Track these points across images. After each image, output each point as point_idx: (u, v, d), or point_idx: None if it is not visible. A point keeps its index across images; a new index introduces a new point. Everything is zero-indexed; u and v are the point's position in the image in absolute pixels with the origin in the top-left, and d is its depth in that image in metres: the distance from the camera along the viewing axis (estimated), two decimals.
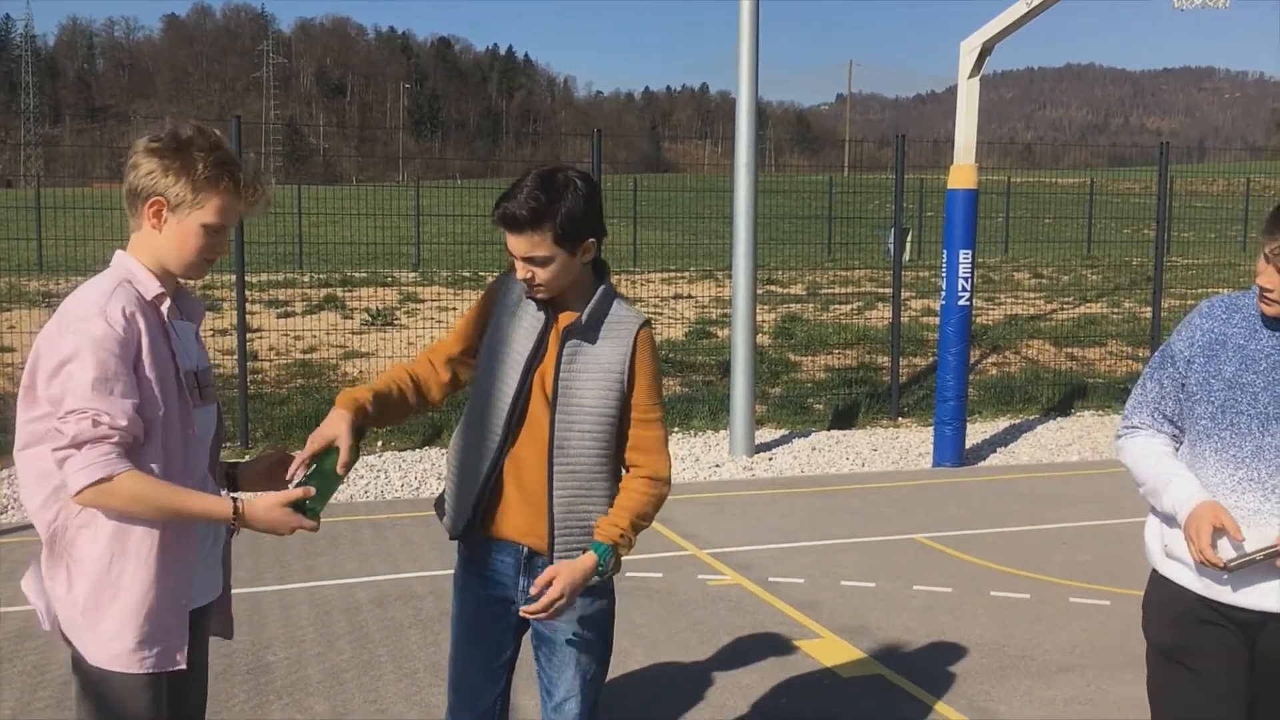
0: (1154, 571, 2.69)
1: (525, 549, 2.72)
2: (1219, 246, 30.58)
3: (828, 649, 5.01)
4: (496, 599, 2.79)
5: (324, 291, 17.08)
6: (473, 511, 2.71)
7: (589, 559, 2.60)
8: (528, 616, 2.57)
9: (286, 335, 12.79)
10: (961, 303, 8.92)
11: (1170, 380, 2.65)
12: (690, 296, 17.84)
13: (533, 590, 2.56)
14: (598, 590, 2.73)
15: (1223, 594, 2.50)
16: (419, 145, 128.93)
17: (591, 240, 2.65)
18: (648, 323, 2.75)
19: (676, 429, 10.17)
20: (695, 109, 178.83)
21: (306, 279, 19.35)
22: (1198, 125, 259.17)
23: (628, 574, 5.99)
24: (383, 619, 5.29)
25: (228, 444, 9.03)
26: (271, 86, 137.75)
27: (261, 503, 2.41)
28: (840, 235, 27.27)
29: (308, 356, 11.97)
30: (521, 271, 2.63)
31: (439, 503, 2.88)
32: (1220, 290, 18.67)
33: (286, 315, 14.64)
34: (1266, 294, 2.47)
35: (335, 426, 2.55)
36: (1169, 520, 2.60)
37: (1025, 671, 2.93)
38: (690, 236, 26.40)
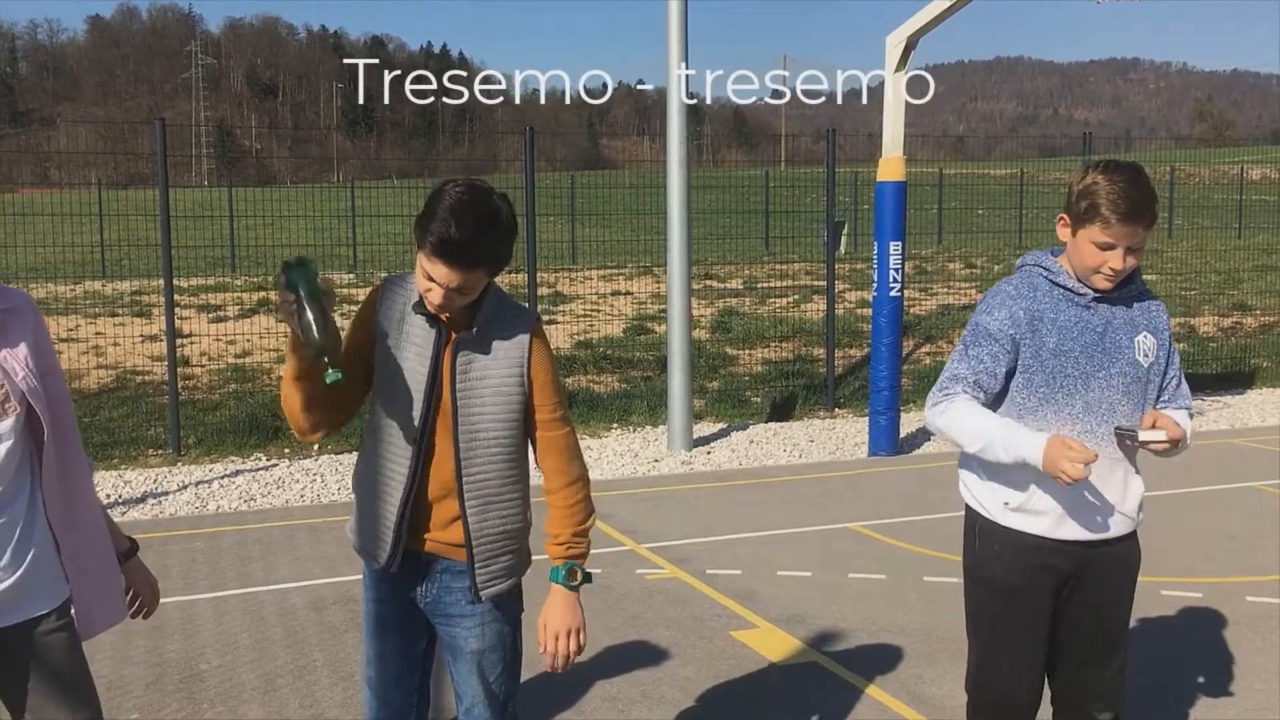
0: (988, 523, 3.00)
1: (429, 555, 2.71)
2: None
3: (765, 639, 5.05)
4: (403, 599, 2.78)
5: (257, 295, 16.85)
6: (394, 544, 2.68)
7: (557, 590, 2.70)
8: (553, 672, 2.72)
9: (219, 340, 12.61)
10: (893, 294, 9.03)
11: (990, 356, 2.90)
12: (629, 293, 17.86)
13: (540, 653, 2.72)
14: (501, 599, 2.74)
15: (1060, 532, 2.91)
16: (354, 145, 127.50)
17: None
18: (538, 319, 2.74)
19: (615, 425, 10.19)
20: (632, 106, 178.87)
21: (239, 283, 19.08)
22: (1124, 115, 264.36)
23: None
24: (319, 623, 5.25)
25: (159, 451, 8.93)
26: (201, 88, 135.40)
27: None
28: (778, 229, 27.46)
29: (241, 361, 11.81)
30: (439, 298, 2.56)
31: (355, 533, 2.83)
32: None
33: (219, 320, 14.43)
34: (1116, 271, 2.83)
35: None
36: (1003, 476, 2.94)
37: (956, 655, 3.01)
38: (629, 233, 26.41)
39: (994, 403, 2.96)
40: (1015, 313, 2.89)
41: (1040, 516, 2.91)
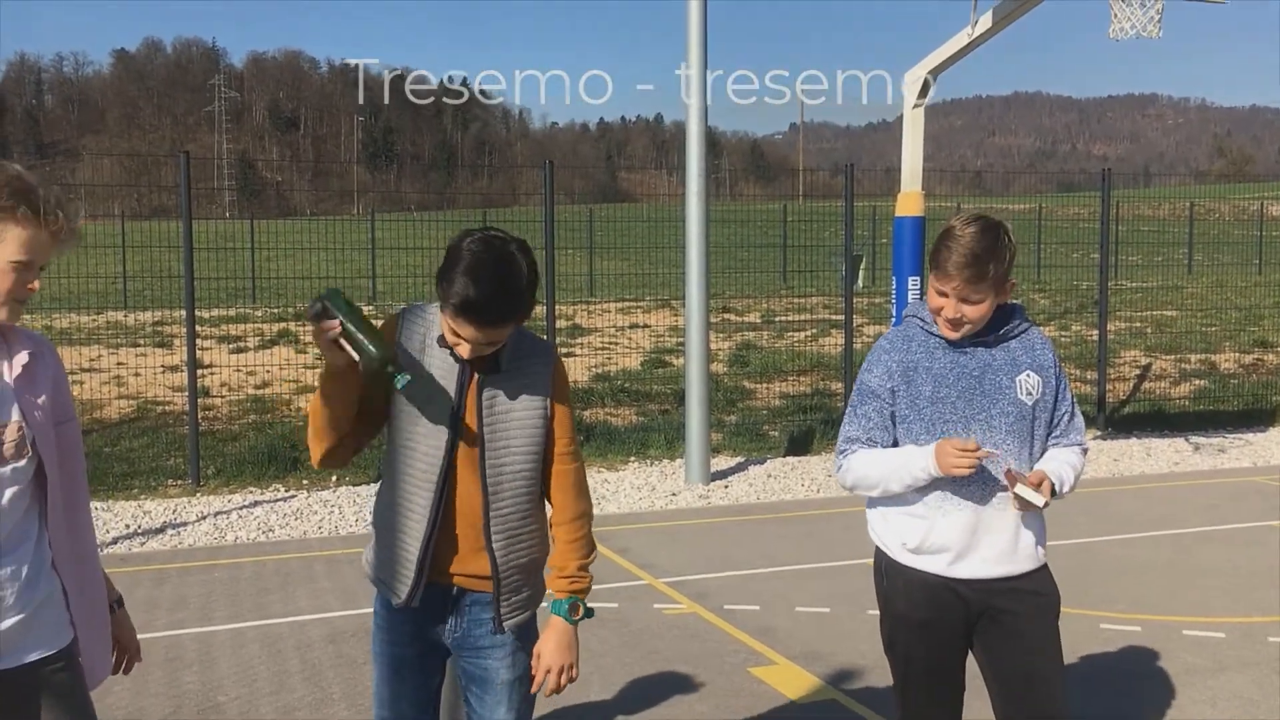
0: (890, 560, 3.09)
1: (456, 588, 2.71)
2: (1164, 270, 31.13)
3: (783, 675, 5.02)
4: (425, 638, 2.78)
5: (277, 326, 16.96)
6: (416, 578, 2.68)
7: (557, 623, 2.71)
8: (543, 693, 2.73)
9: (239, 371, 12.69)
10: None
11: (876, 412, 3.01)
12: (646, 326, 17.90)
13: (536, 685, 2.74)
14: (525, 628, 2.77)
15: (957, 571, 2.98)
16: (374, 178, 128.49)
17: None
18: (556, 351, 2.78)
19: (633, 458, 10.18)
20: (650, 139, 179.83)
21: (260, 314, 19.22)
22: (1142, 151, 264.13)
23: None
24: (336, 655, 5.24)
25: (179, 481, 8.97)
26: (224, 120, 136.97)
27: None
28: (795, 263, 27.48)
29: (261, 392, 11.87)
30: (468, 352, 2.59)
31: (374, 566, 2.82)
32: (1165, 312, 19.01)
33: (239, 351, 14.52)
34: (950, 320, 2.92)
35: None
36: (901, 518, 3.03)
37: (976, 691, 2.98)
38: (647, 266, 26.49)
39: None
40: (890, 366, 3.00)
41: (937, 556, 2.99)
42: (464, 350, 2.59)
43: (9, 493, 2.32)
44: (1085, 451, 3.13)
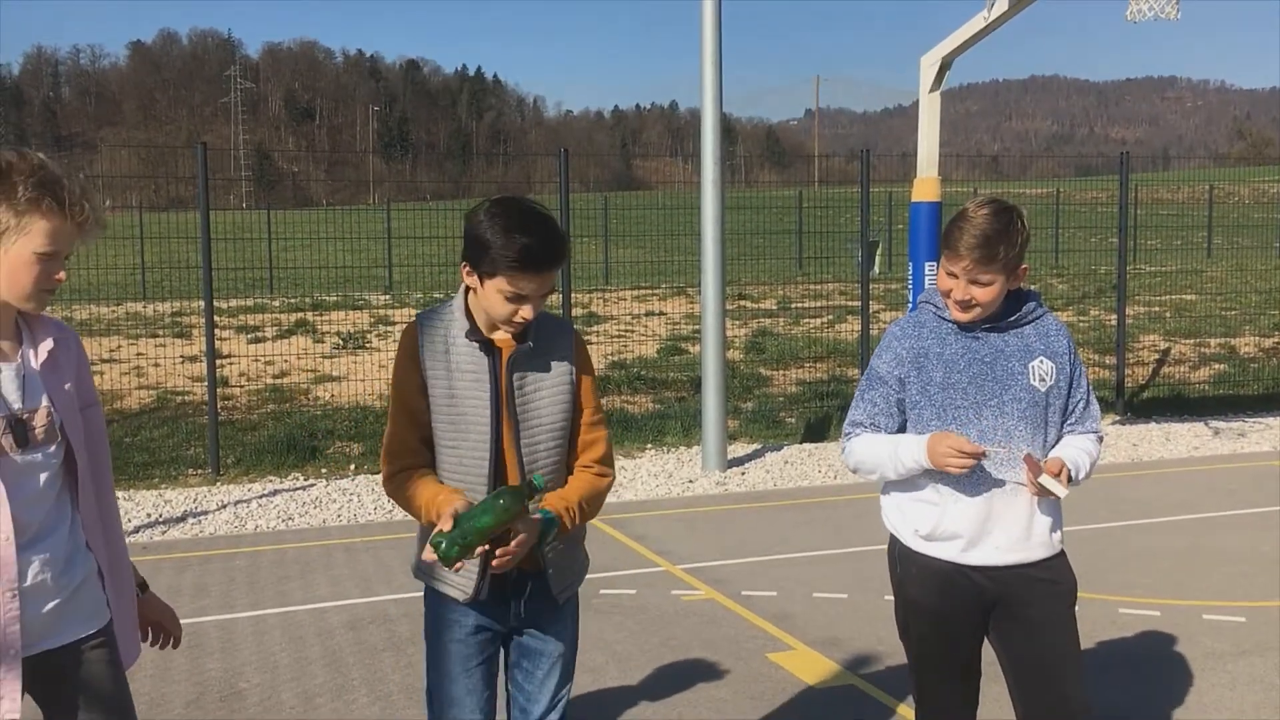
0: (903, 547, 3.09)
1: (515, 572, 2.71)
2: (1184, 254, 30.92)
3: (801, 661, 5.03)
4: (489, 628, 2.79)
5: (295, 316, 17.03)
6: (482, 570, 2.68)
7: (538, 520, 2.67)
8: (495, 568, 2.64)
9: (257, 360, 12.75)
10: None
11: (882, 398, 3.03)
12: (662, 313, 17.91)
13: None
14: (573, 600, 2.86)
15: (970, 558, 2.98)
16: (389, 168, 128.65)
17: None
18: (573, 326, 2.84)
19: (650, 445, 10.20)
20: (665, 126, 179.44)
21: (277, 304, 19.30)
22: (1161, 134, 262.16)
23: (601, 590, 6.00)
24: (356, 642, 5.28)
25: (199, 470, 9.03)
26: (240, 111, 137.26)
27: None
28: (811, 249, 27.42)
29: (279, 381, 11.93)
30: (533, 310, 2.62)
31: (423, 570, 2.81)
32: (1184, 296, 18.90)
33: (257, 340, 14.59)
34: (959, 301, 2.92)
35: (454, 498, 2.60)
36: (914, 505, 3.04)
37: (994, 677, 2.99)
38: (662, 254, 26.49)
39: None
40: (900, 353, 3.01)
41: (949, 543, 3.00)
42: (528, 311, 2.63)
43: (43, 477, 2.35)
44: (1101, 439, 3.12)
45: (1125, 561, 6.54)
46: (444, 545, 2.45)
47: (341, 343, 14.20)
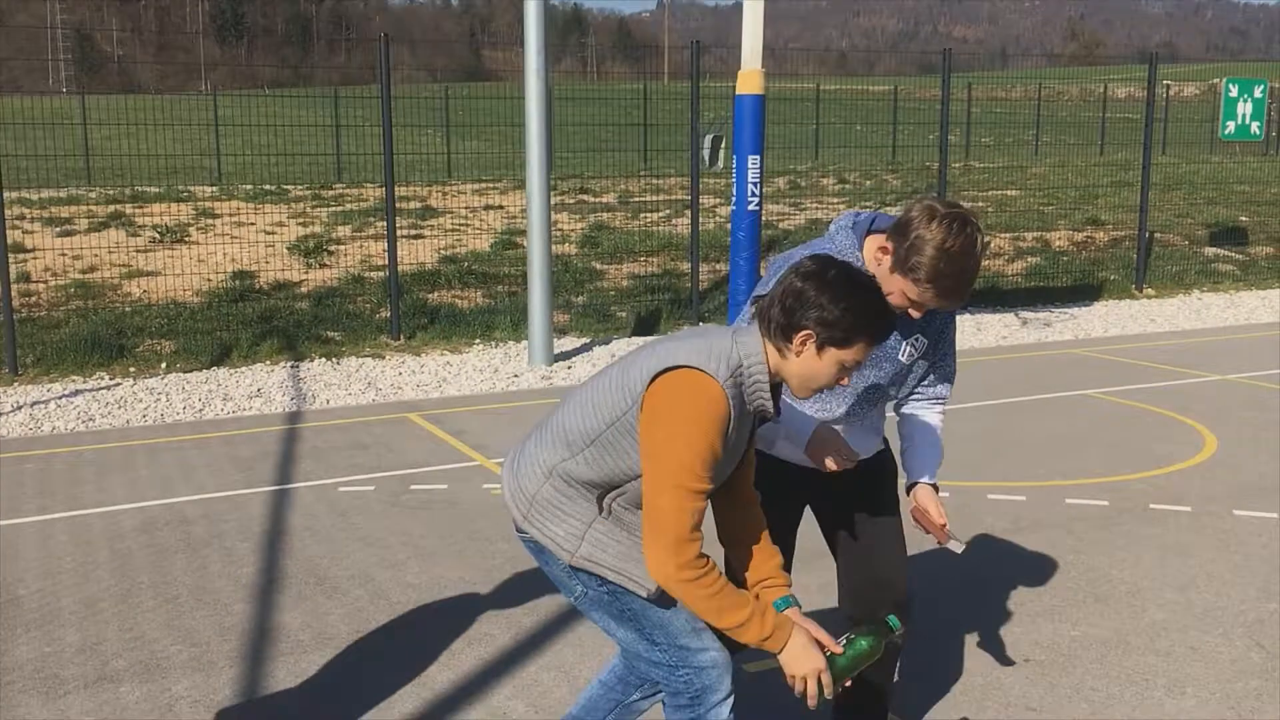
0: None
1: None
2: (1014, 151, 31.96)
3: None
4: None
5: (111, 208, 16.16)
6: None
7: None
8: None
9: (65, 255, 12.08)
10: (751, 208, 9.07)
11: None
12: (501, 207, 17.64)
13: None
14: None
15: (803, 461, 2.99)
16: (223, 52, 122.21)
17: None
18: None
19: (478, 340, 10.10)
20: (515, 15, 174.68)
21: (94, 195, 18.25)
22: (1000, 33, 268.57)
23: (411, 487, 5.96)
24: (148, 545, 5.12)
25: None
26: None
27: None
28: (657, 143, 27.31)
29: (87, 277, 11.34)
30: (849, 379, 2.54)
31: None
32: (1008, 192, 19.56)
33: (67, 234, 13.81)
34: (896, 306, 2.78)
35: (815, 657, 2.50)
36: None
37: (992, 671, 3.11)
38: (505, 146, 25.96)
39: None
40: None
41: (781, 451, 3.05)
42: (848, 380, 2.56)
43: None
44: (945, 406, 3.16)
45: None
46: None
47: (158, 236, 13.55)
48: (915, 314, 2.81)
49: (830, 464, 2.79)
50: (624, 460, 2.46)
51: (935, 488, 3.07)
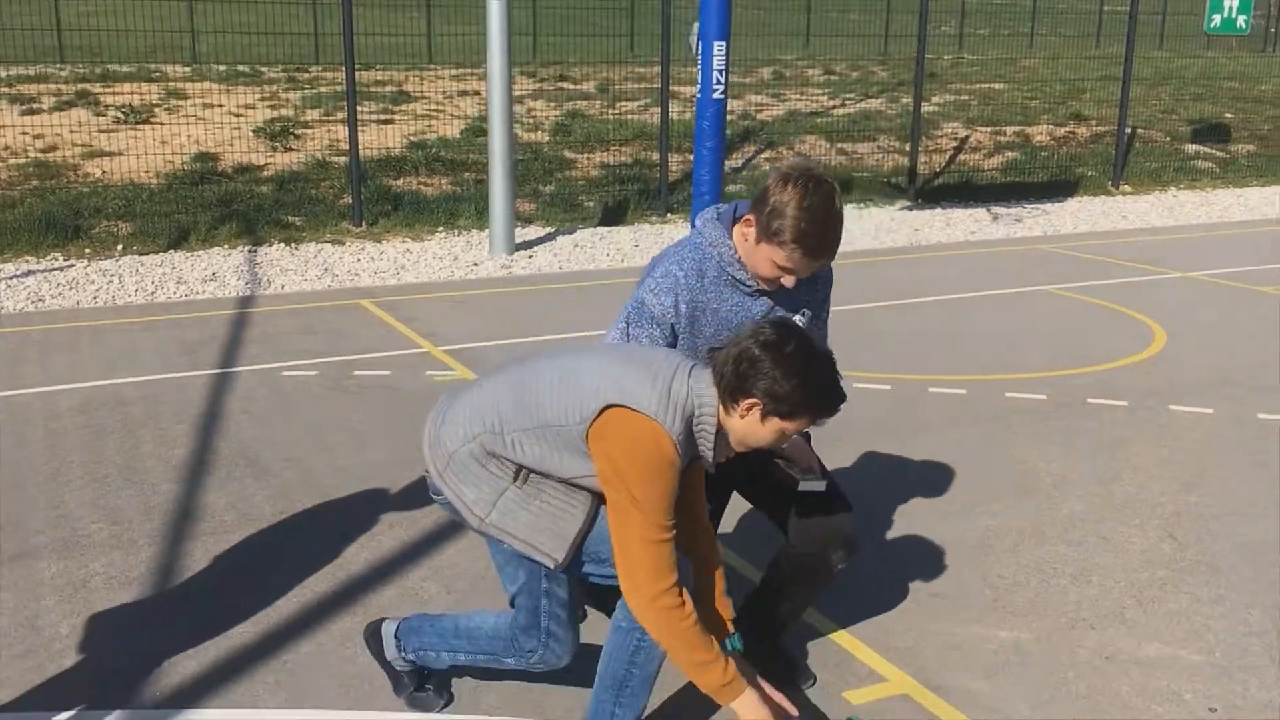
0: None
1: None
2: (1010, 43, 31.33)
3: None
4: None
5: (78, 87, 15.83)
6: None
7: None
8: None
9: (26, 133, 11.87)
10: (716, 96, 8.91)
11: (648, 338, 2.91)
12: (477, 93, 17.31)
13: None
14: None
15: None
16: None
17: None
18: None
19: (441, 228, 10.01)
20: None
21: (64, 73, 17.86)
22: None
23: (354, 372, 5.96)
24: (83, 425, 5.13)
25: None
26: None
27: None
28: (645, 29, 26.70)
29: (46, 156, 11.16)
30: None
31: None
32: (994, 85, 19.24)
33: (31, 113, 13.54)
34: (767, 279, 2.84)
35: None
36: None
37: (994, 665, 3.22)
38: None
39: None
40: (679, 304, 2.90)
41: None
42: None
43: None
44: None
45: (869, 341, 6.81)
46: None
47: (122, 117, 13.30)
48: (788, 282, 2.84)
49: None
50: (554, 460, 2.52)
51: (807, 436, 3.11)
